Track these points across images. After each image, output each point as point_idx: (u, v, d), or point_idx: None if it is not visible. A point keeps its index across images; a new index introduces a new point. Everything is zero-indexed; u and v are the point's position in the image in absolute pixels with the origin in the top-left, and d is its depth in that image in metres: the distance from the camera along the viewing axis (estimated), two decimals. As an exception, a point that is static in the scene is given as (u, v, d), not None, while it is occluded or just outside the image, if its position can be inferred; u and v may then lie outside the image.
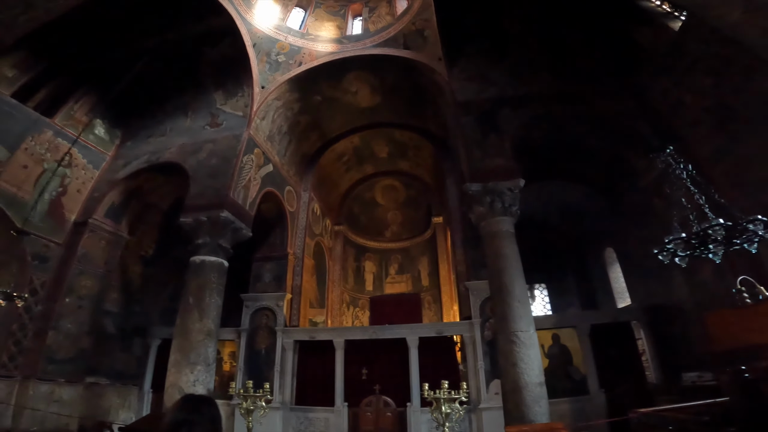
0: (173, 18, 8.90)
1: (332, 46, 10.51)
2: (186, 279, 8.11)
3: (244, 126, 9.59)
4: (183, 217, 8.39)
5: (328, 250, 13.36)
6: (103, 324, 9.29)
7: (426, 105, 11.06)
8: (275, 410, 8.46)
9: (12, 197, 7.94)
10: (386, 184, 15.12)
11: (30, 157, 8.35)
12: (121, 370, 9.54)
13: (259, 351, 9.50)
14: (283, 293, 10.13)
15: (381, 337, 9.22)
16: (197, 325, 7.60)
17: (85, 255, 8.90)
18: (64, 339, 8.46)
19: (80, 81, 9.39)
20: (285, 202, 11.14)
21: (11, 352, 7.89)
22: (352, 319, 13.92)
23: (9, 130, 8.06)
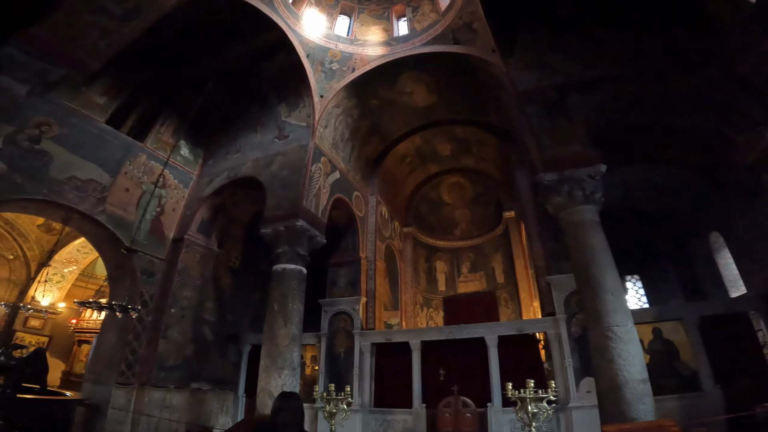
0: (230, 37, 9.51)
1: (382, 49, 10.59)
2: (270, 287, 8.61)
3: (309, 136, 9.96)
4: (263, 228, 8.94)
5: (398, 252, 13.43)
6: (203, 332, 10.02)
7: (485, 98, 10.71)
8: (355, 413, 8.61)
9: (119, 219, 8.92)
10: (452, 182, 14.87)
11: (130, 181, 9.31)
12: (219, 375, 10.19)
13: (338, 354, 9.78)
14: (358, 297, 10.36)
15: (457, 337, 9.04)
16: (282, 331, 8.03)
17: (184, 268, 9.77)
18: (171, 347, 9.19)
19: (162, 104, 10.35)
20: (354, 207, 11.39)
21: (128, 360, 8.66)
22: (426, 320, 13.83)
23: (109, 156, 8.98)
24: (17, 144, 7.46)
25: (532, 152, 8.00)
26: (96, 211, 8.48)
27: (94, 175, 8.57)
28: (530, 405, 5.22)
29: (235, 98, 10.73)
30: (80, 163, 8.36)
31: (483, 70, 9.56)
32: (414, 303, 13.55)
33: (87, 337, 13.03)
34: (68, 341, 13.40)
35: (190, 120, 10.06)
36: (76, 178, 8.26)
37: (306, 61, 10.04)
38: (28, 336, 12.28)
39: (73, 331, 13.49)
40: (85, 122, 8.60)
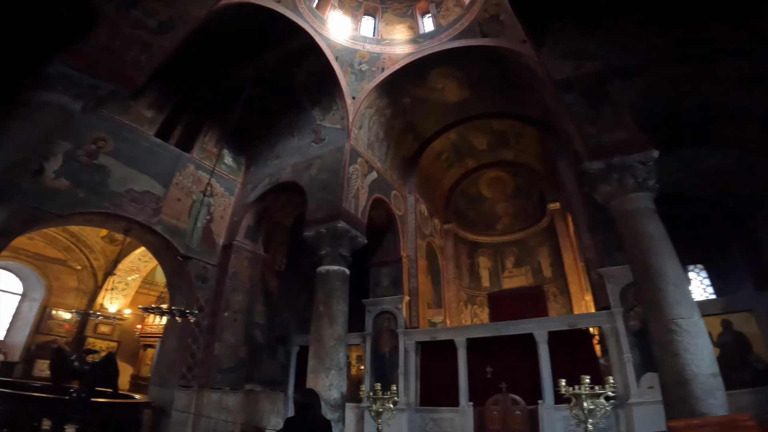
0: (260, 45, 9.77)
1: (409, 47, 10.56)
2: (314, 289, 8.79)
3: (345, 138, 10.09)
4: (306, 231, 9.16)
5: (439, 249, 13.32)
6: (254, 334, 10.38)
7: (520, 90, 10.44)
8: (401, 412, 8.61)
9: (174, 228, 9.40)
10: (491, 176, 14.55)
11: (181, 191, 9.76)
12: (270, 376, 10.48)
13: (383, 354, 9.82)
14: (401, 296, 10.36)
15: (504, 333, 8.83)
16: (328, 332, 8.18)
17: (234, 273, 10.17)
18: (226, 350, 9.54)
19: (204, 115, 10.83)
20: (393, 206, 11.42)
21: (188, 363, 9.02)
22: (470, 317, 13.61)
23: (161, 168, 9.43)
24: (77, 160, 7.93)
25: (575, 141, 7.74)
26: (153, 221, 9.00)
27: (148, 187, 9.08)
28: (586, 401, 5.03)
29: (270, 105, 11.04)
30: (135, 176, 8.87)
31: (515, 62, 9.31)
32: (458, 300, 13.37)
33: (151, 341, 13.87)
34: (135, 346, 14.31)
35: (231, 129, 10.46)
36: (133, 190, 8.78)
37: (335, 63, 10.19)
38: (99, 341, 13.18)
39: (138, 336, 14.38)
40: (137, 136, 9.11)
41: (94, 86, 6.21)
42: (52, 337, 12.48)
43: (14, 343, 12.24)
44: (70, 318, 12.76)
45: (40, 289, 12.68)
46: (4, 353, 11.94)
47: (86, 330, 13.11)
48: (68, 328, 12.83)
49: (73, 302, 12.99)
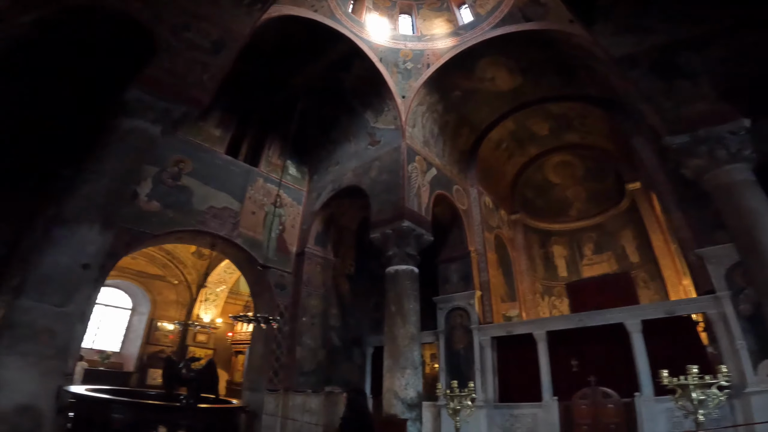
0: (306, 55, 10.13)
1: (451, 40, 10.37)
2: (385, 289, 8.91)
3: (400, 138, 10.14)
4: (372, 233, 9.33)
5: (509, 241, 12.80)
6: (330, 337, 10.70)
7: (576, 71, 9.84)
8: (479, 409, 8.39)
9: (252, 240, 10.05)
10: (557, 161, 13.71)
11: (254, 204, 10.38)
12: (347, 378, 10.66)
13: (457, 351, 9.64)
14: (472, 291, 10.10)
15: (589, 324, 8.22)
16: (401, 331, 8.22)
17: (309, 279, 10.61)
18: (307, 353, 9.90)
19: (266, 129, 11.44)
20: (456, 201, 11.23)
21: (274, 367, 9.50)
22: (549, 309, 12.86)
23: (235, 184, 10.08)
24: (163, 182, 8.73)
25: (649, 117, 7.30)
26: (233, 234, 9.72)
27: (226, 203, 9.78)
28: (695, 392, 4.55)
29: (324, 113, 11.43)
30: (214, 194, 9.59)
31: (565, 43, 8.82)
32: (533, 292, 12.71)
33: (241, 348, 14.93)
34: (228, 353, 15.50)
35: (291, 140, 10.96)
36: (214, 207, 9.51)
37: (380, 65, 10.30)
38: (198, 350, 14.42)
39: (230, 343, 15.52)
40: (211, 155, 9.86)
41: (167, 109, 6.52)
42: (160, 347, 13.99)
43: (129, 354, 13.91)
44: (173, 329, 14.24)
45: (146, 304, 14.33)
46: (121, 363, 13.64)
47: (187, 339, 14.48)
48: (172, 338, 14.33)
49: (174, 314, 14.49)
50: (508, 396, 8.87)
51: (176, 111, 6.61)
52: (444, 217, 11.21)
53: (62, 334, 4.84)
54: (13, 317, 4.62)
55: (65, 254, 4.97)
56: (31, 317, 4.64)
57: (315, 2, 9.16)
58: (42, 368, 4.60)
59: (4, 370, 4.40)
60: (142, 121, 6.25)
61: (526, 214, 13.90)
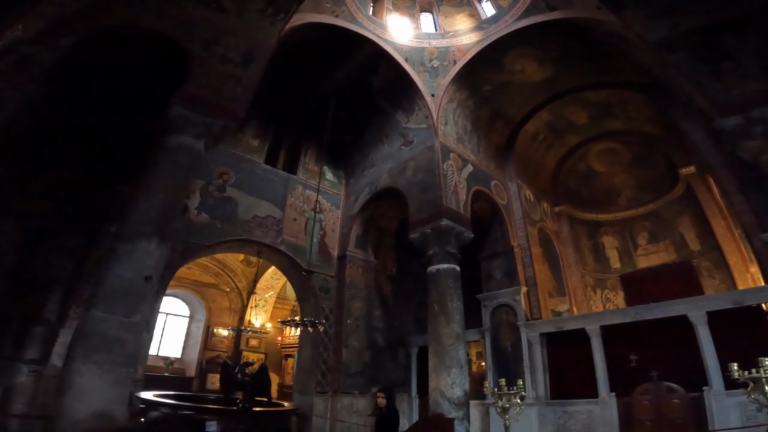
0: (332, 60, 10.25)
1: (475, 35, 10.22)
2: (427, 289, 8.88)
3: (433, 136, 10.08)
4: (411, 234, 9.34)
5: (554, 234, 12.35)
6: (375, 339, 10.81)
7: (611, 57, 9.43)
8: (529, 406, 8.20)
9: (295, 246, 10.35)
10: (599, 149, 13.09)
11: (294, 211, 10.69)
12: (393, 378, 10.75)
13: (504, 348, 9.45)
14: (518, 287, 9.86)
15: (647, 317, 7.78)
16: (446, 330, 8.16)
17: (351, 282, 10.77)
18: (353, 355, 10.03)
19: (300, 137, 11.74)
20: (494, 196, 11.01)
21: (322, 370, 9.70)
22: (602, 302, 12.24)
23: (275, 193, 10.41)
24: (210, 195, 9.16)
25: (697, 100, 7.04)
26: (277, 242, 10.06)
27: (269, 211, 10.12)
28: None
29: (356, 117, 11.55)
30: (257, 203, 9.94)
31: (595, 30, 8.50)
32: (583, 286, 12.16)
33: (290, 351, 15.43)
34: (278, 356, 15.99)
35: (326, 146, 11.18)
36: (258, 216, 9.87)
37: (406, 65, 10.29)
38: (251, 354, 15.09)
39: (280, 347, 16.07)
40: (251, 165, 10.25)
41: (208, 124, 6.66)
42: (217, 352, 14.74)
43: (189, 359, 14.74)
44: (227, 334, 14.97)
45: (202, 311, 15.14)
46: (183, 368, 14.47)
47: (240, 344, 15.14)
48: (227, 344, 15.05)
49: (228, 320, 15.22)
50: (560, 393, 8.61)
51: (216, 125, 6.77)
52: (483, 213, 11.02)
53: (131, 343, 5.13)
54: (86, 328, 4.96)
55: (129, 268, 5.30)
56: (103, 327, 4.94)
57: (335, 8, 9.28)
58: (114, 376, 4.88)
59: (81, 378, 4.69)
60: (186, 137, 6.48)
61: (570, 206, 13.35)
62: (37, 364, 6.40)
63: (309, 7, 8.59)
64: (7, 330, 6.37)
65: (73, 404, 4.60)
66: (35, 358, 6.42)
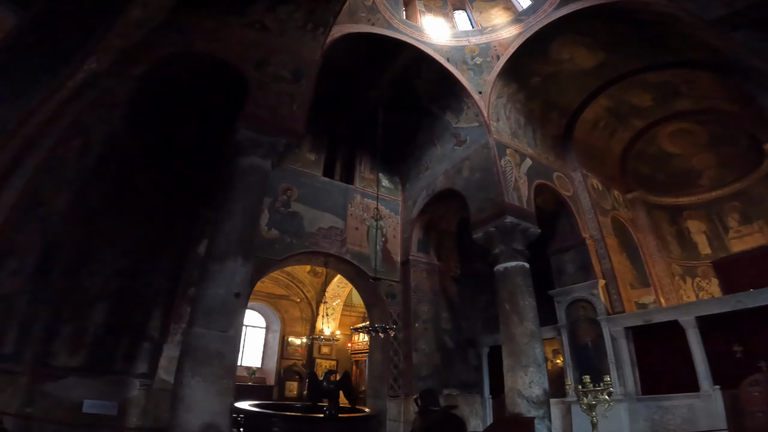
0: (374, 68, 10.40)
1: (515, 27, 9.97)
2: (495, 288, 8.74)
3: (485, 134, 9.92)
4: (474, 233, 9.24)
5: (629, 222, 11.58)
6: (444, 341, 10.75)
7: (666, 37, 8.80)
8: (618, 402, 7.76)
9: (359, 254, 10.61)
10: (671, 131, 12.13)
11: (356, 220, 10.96)
12: (464, 380, 10.66)
13: (583, 345, 9.03)
14: (594, 280, 9.36)
15: (750, 305, 7.06)
16: (519, 329, 7.96)
17: (417, 286, 10.83)
18: (423, 358, 10.05)
19: (354, 147, 12.02)
20: (558, 188, 10.60)
21: (393, 374, 9.82)
22: (694, 291, 11.24)
23: (336, 204, 10.74)
24: (277, 211, 9.62)
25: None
26: (342, 251, 10.39)
27: (332, 222, 10.48)
28: None
29: (404, 121, 11.61)
30: (320, 215, 10.32)
31: (643, 12, 8.06)
32: (669, 275, 11.25)
33: (360, 357, 15.80)
34: (348, 363, 16.38)
35: (379, 153, 11.37)
36: (322, 228, 10.25)
37: (448, 65, 10.21)
38: (324, 361, 15.64)
39: (350, 353, 16.46)
40: (311, 179, 10.66)
41: (272, 143, 6.87)
42: (292, 360, 15.42)
43: (269, 368, 15.54)
44: (300, 343, 15.65)
45: (277, 322, 15.94)
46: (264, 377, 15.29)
47: (313, 352, 15.75)
48: (301, 352, 15.73)
49: (301, 329, 15.90)
50: (651, 388, 8.11)
51: (279, 143, 6.99)
52: (548, 207, 10.63)
53: (229, 356, 5.50)
54: (191, 343, 5.38)
55: (220, 286, 5.70)
56: (204, 342, 5.33)
57: (370, 16, 9.42)
58: (218, 388, 5.21)
59: (190, 391, 5.05)
60: (255, 158, 6.74)
61: (645, 191, 12.47)
62: (146, 378, 7.07)
63: (345, 19, 8.79)
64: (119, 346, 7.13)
65: (185, 417, 4.96)
66: (145, 372, 7.09)
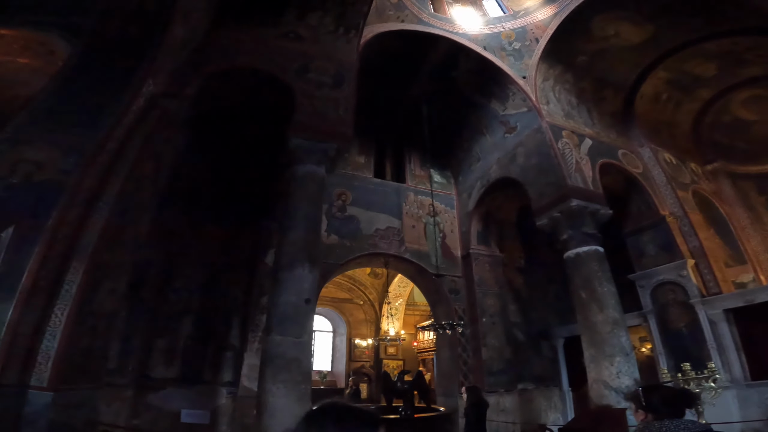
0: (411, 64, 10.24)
1: (549, 8, 9.50)
2: (567, 276, 8.26)
3: (536, 118, 9.48)
4: (538, 221, 8.81)
5: (713, 195, 10.50)
6: (514, 334, 10.44)
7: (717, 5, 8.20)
8: (725, 389, 7.06)
9: (418, 252, 10.51)
10: (743, 98, 10.89)
11: (411, 219, 10.88)
12: (539, 373, 10.30)
13: (676, 330, 8.34)
14: (682, 261, 8.60)
15: None
16: (600, 317, 7.46)
17: (480, 280, 10.53)
18: (493, 353, 9.78)
19: (401, 145, 11.98)
20: (626, 166, 9.87)
21: (463, 371, 9.66)
22: (805, 265, 9.92)
23: (390, 204, 10.72)
24: (334, 216, 9.79)
25: None
26: (401, 251, 10.36)
27: (388, 223, 10.48)
28: None
29: (449, 115, 11.37)
30: (376, 217, 10.36)
31: None
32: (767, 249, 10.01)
33: (426, 355, 15.72)
34: (415, 362, 16.29)
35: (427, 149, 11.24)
36: (379, 229, 10.28)
37: (486, 53, 9.86)
38: (391, 362, 15.72)
39: (416, 352, 16.42)
40: (363, 182, 10.75)
41: (323, 149, 6.93)
42: (360, 362, 15.67)
43: (338, 371, 15.89)
44: (366, 345, 15.86)
45: (343, 325, 16.30)
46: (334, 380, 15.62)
47: (380, 353, 15.90)
48: (368, 354, 15.93)
49: (366, 332, 16.12)
50: (762, 373, 7.36)
51: (330, 149, 7.05)
52: (616, 187, 9.92)
53: (304, 362, 5.64)
54: (270, 351, 5.57)
55: (292, 293, 5.86)
56: (282, 350, 5.49)
57: (399, 13, 9.32)
58: (297, 393, 5.36)
59: (273, 398, 5.21)
60: (309, 165, 6.85)
61: (726, 162, 11.26)
62: (232, 386, 7.48)
63: (374, 19, 8.76)
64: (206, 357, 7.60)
65: (269, 423, 5.13)
66: (230, 380, 7.51)
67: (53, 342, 3.99)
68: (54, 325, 4.04)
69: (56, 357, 3.97)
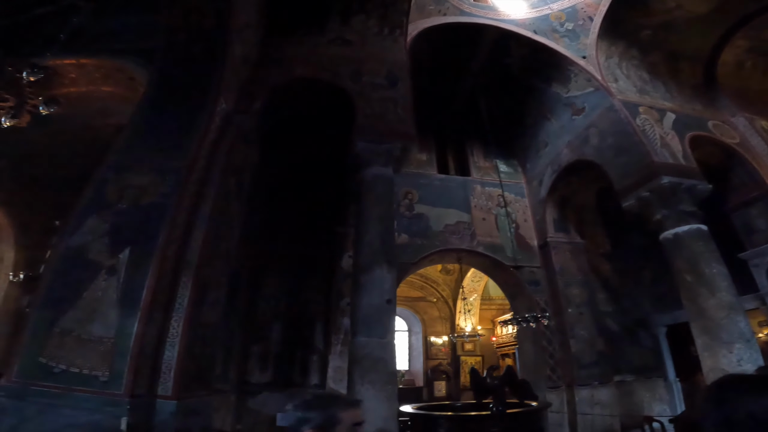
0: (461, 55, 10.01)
1: None
2: (665, 259, 7.54)
3: (606, 97, 8.83)
4: (624, 202, 8.13)
5: (837, 156, 9.01)
6: (606, 324, 9.82)
7: None
8: None
9: (491, 245, 10.21)
10: None
11: (481, 211, 10.61)
12: (638, 364, 9.64)
13: (807, 312, 7.18)
14: (804, 233, 7.46)
15: None
16: (711, 302, 6.71)
17: (561, 269, 9.99)
18: (583, 345, 9.30)
19: (461, 138, 11.75)
20: (720, 137, 8.86)
21: (550, 364, 9.27)
22: None
23: (458, 198, 10.55)
24: (403, 216, 9.80)
25: None
26: (473, 245, 10.11)
27: (457, 218, 10.30)
28: None
29: (508, 103, 11.01)
30: (444, 213, 10.25)
31: None
32: None
33: (505, 350, 15.21)
34: (494, 357, 15.81)
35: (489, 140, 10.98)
36: (449, 225, 10.14)
37: (537, 37, 9.33)
38: (469, 358, 15.41)
39: (495, 347, 15.93)
40: (428, 179, 10.68)
41: (388, 150, 6.99)
42: (437, 360, 15.58)
43: (416, 370, 15.93)
44: (442, 342, 15.74)
45: (418, 324, 16.32)
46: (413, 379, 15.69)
47: (457, 350, 15.70)
48: (445, 351, 15.80)
49: (441, 329, 16.01)
50: None
51: (395, 149, 7.09)
52: (711, 160, 8.93)
53: (390, 362, 5.69)
54: (356, 353, 5.70)
55: (373, 295, 5.98)
56: (368, 351, 5.59)
57: (440, 7, 9.11)
58: (385, 393, 5.41)
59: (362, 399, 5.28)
60: (377, 167, 6.93)
61: (842, 115, 9.62)
62: (319, 389, 7.79)
63: (416, 16, 8.67)
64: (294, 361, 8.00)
65: None
66: (317, 383, 7.84)
67: (173, 352, 4.39)
68: (172, 336, 4.46)
69: (177, 366, 4.35)
